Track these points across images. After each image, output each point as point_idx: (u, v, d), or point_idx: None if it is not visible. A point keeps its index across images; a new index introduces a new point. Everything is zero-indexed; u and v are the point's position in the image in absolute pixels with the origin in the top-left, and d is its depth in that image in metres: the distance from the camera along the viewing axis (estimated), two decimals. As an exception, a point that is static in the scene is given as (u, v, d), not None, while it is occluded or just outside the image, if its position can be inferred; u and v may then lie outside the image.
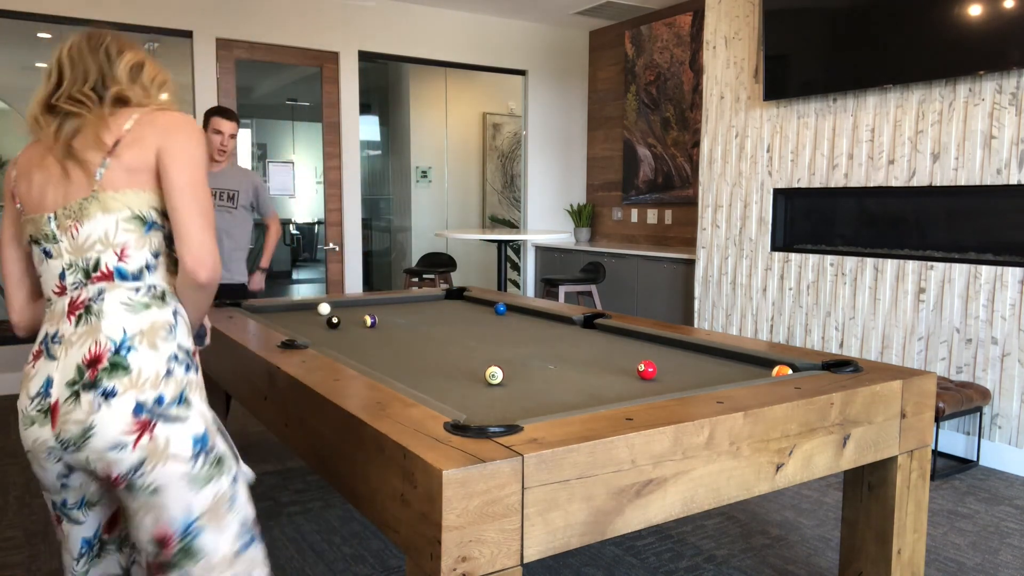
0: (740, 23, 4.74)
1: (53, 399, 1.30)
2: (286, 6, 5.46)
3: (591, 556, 2.66)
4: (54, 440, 1.31)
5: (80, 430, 1.28)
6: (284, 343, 2.38)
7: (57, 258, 1.38)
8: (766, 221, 4.65)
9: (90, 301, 1.35)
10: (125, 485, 1.29)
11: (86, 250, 1.36)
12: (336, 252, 5.91)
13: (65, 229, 1.37)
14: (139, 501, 1.30)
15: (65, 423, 1.29)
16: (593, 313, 3.01)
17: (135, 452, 1.27)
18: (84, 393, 1.28)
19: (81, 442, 1.28)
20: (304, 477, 3.43)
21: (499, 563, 1.38)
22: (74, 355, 1.31)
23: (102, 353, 1.30)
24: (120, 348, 1.31)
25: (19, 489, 3.28)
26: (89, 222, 1.36)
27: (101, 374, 1.28)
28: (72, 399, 1.28)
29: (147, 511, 1.30)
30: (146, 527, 1.31)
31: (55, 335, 1.35)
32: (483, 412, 1.77)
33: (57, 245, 1.38)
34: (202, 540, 1.32)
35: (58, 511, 1.44)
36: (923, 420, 2.07)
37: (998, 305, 3.59)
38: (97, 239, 1.36)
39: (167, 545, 1.30)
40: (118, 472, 1.28)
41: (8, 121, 5.21)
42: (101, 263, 1.36)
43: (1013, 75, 3.50)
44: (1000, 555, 2.72)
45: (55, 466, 1.35)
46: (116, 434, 1.26)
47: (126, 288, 1.37)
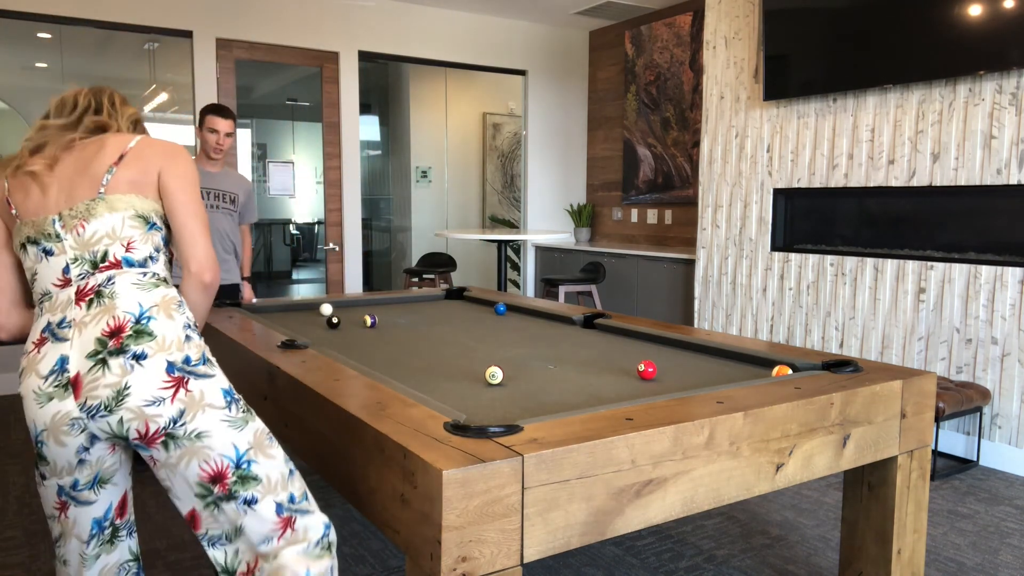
0: (740, 23, 4.74)
1: (72, 373, 1.39)
2: (286, 6, 5.46)
3: (591, 556, 2.66)
4: (79, 410, 1.38)
5: (113, 392, 1.36)
6: (284, 343, 2.38)
7: (60, 255, 1.49)
8: (766, 221, 4.65)
9: (100, 287, 1.46)
10: (164, 438, 1.38)
11: (93, 244, 1.48)
12: (336, 252, 5.91)
13: (70, 228, 1.49)
14: (183, 449, 1.38)
15: (93, 389, 1.37)
16: (593, 313, 3.01)
17: (173, 405, 1.38)
18: (112, 359, 1.37)
19: (115, 404, 1.36)
20: (304, 477, 3.43)
21: (499, 563, 1.38)
22: (90, 332, 1.41)
23: (123, 324, 1.41)
24: (140, 318, 1.43)
25: (19, 489, 3.28)
26: (96, 220, 1.49)
27: (127, 340, 1.39)
28: (98, 367, 1.37)
29: (192, 456, 1.39)
30: (193, 472, 1.40)
31: (61, 321, 1.44)
32: (483, 412, 1.77)
33: (60, 243, 1.49)
34: (255, 468, 1.43)
35: (65, 496, 1.47)
36: (923, 420, 2.07)
37: (998, 305, 3.59)
38: (104, 234, 1.49)
39: (223, 479, 1.41)
40: (157, 426, 1.37)
41: (8, 121, 5.21)
42: (109, 254, 1.49)
43: (1013, 75, 3.50)
44: (1000, 555, 2.72)
45: (76, 439, 1.41)
46: (153, 390, 1.37)
47: (134, 272, 1.49)
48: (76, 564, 1.54)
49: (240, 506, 1.42)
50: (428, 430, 1.52)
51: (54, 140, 1.55)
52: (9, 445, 3.87)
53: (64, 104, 1.61)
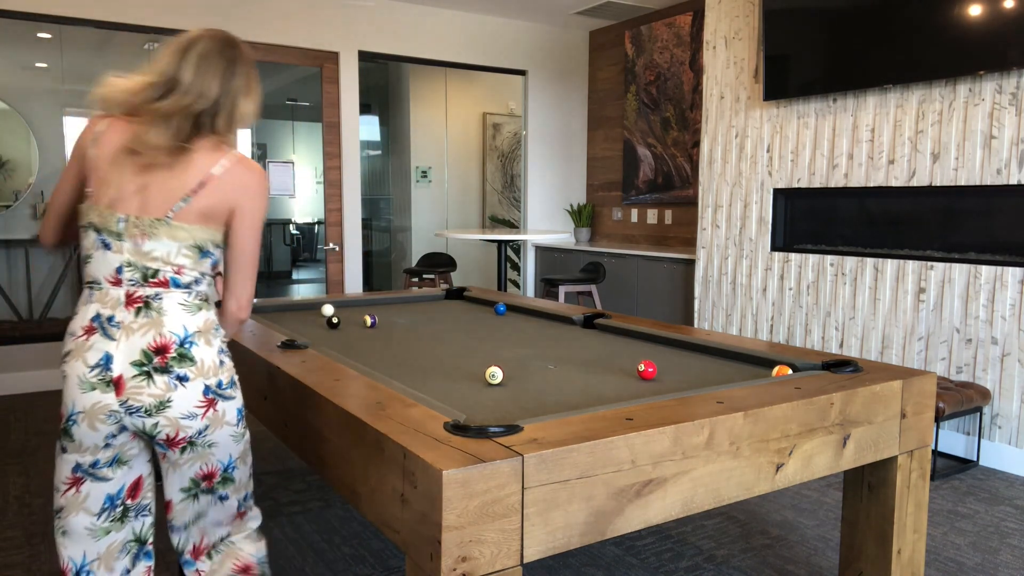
0: (740, 23, 4.74)
1: (115, 374, 1.52)
2: (286, 6, 5.46)
3: (591, 556, 2.66)
4: (119, 405, 1.53)
5: (156, 402, 1.53)
6: (284, 343, 2.38)
7: (116, 253, 1.55)
8: (766, 221, 4.65)
9: (148, 299, 1.56)
10: (185, 444, 1.58)
11: (146, 259, 1.55)
12: (336, 252, 5.91)
13: (131, 235, 1.55)
14: (195, 454, 1.61)
15: (137, 394, 1.52)
16: (593, 313, 3.01)
17: (202, 421, 1.58)
18: (157, 375, 1.53)
19: (155, 412, 1.54)
20: (304, 477, 3.43)
21: (499, 563, 1.38)
22: (137, 341, 1.53)
23: (168, 344, 1.54)
24: (184, 342, 1.56)
25: (19, 489, 3.28)
26: (154, 240, 1.55)
27: (171, 362, 1.54)
28: (143, 377, 1.52)
29: (200, 459, 1.62)
30: (195, 470, 1.63)
31: (111, 318, 1.54)
32: (483, 412, 1.77)
33: (119, 243, 1.55)
34: (235, 473, 1.69)
35: (81, 472, 1.59)
36: (923, 420, 2.07)
37: (998, 305, 3.59)
38: (159, 256, 1.56)
39: (212, 478, 1.65)
40: (185, 435, 1.57)
41: (8, 121, 5.21)
42: (160, 274, 1.56)
43: (1013, 75, 3.50)
44: (1000, 555, 2.72)
45: (109, 427, 1.55)
46: (190, 407, 1.56)
47: (180, 293, 1.59)
48: (81, 536, 1.62)
49: (214, 499, 1.68)
50: (428, 430, 1.52)
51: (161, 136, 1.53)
52: (9, 445, 3.87)
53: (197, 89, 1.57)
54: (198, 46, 1.59)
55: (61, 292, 5.52)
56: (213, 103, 1.59)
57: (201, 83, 1.57)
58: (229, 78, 1.60)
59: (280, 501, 3.15)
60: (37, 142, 5.26)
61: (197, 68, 1.57)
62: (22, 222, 5.27)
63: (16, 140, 5.22)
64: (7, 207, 5.26)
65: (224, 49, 1.61)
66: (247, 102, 1.65)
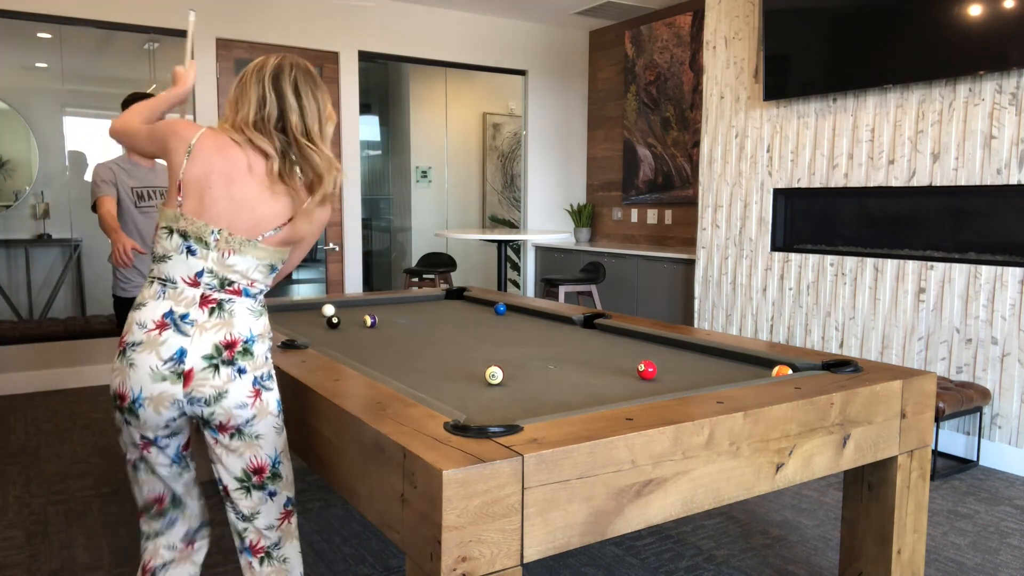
0: (740, 23, 4.74)
1: (187, 367, 1.65)
2: (286, 6, 5.46)
3: (591, 556, 2.66)
4: (183, 395, 1.66)
5: (216, 392, 1.67)
6: (284, 343, 2.38)
7: (200, 259, 1.67)
8: (766, 221, 4.65)
9: (221, 302, 1.70)
10: (235, 431, 1.72)
11: (228, 270, 1.69)
12: (336, 252, 5.91)
13: (220, 248, 1.68)
14: (244, 443, 1.73)
15: (202, 386, 1.66)
16: (593, 313, 3.01)
17: (251, 410, 1.71)
18: (223, 367, 1.67)
19: (214, 401, 1.67)
20: (304, 477, 3.43)
21: (499, 563, 1.38)
22: (209, 337, 1.66)
23: (236, 340, 1.69)
24: (248, 341, 1.71)
25: (19, 489, 3.28)
26: (238, 256, 1.69)
27: (236, 355, 1.69)
28: (210, 369, 1.66)
29: (247, 449, 1.73)
30: (245, 461, 1.74)
31: (184, 316, 1.66)
32: (483, 412, 1.77)
33: (206, 252, 1.67)
34: (282, 468, 1.79)
35: (145, 440, 1.75)
36: (923, 420, 2.07)
37: (998, 305, 3.59)
38: (239, 270, 1.70)
39: (262, 473, 1.76)
40: (237, 422, 1.71)
41: (8, 121, 5.21)
42: (235, 284, 1.71)
43: (1013, 75, 3.50)
44: (1000, 555, 2.72)
45: (171, 412, 1.69)
46: (243, 397, 1.70)
47: (249, 301, 1.74)
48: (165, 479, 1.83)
49: (264, 495, 1.78)
50: (428, 430, 1.52)
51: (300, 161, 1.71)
52: (9, 445, 3.87)
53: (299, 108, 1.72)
54: (289, 72, 1.74)
55: (61, 292, 5.53)
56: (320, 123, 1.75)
57: (304, 107, 1.72)
58: (318, 103, 1.76)
59: (280, 501, 3.15)
60: (37, 142, 5.26)
61: (297, 94, 1.72)
62: (22, 222, 5.27)
63: (16, 140, 5.22)
64: (7, 207, 5.26)
65: (309, 74, 1.77)
66: (329, 125, 1.79)
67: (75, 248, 5.52)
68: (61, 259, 5.50)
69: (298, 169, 1.71)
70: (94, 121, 5.52)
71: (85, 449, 3.80)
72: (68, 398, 4.78)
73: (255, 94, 1.70)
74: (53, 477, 3.42)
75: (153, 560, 1.87)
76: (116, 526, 2.90)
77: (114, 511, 3.04)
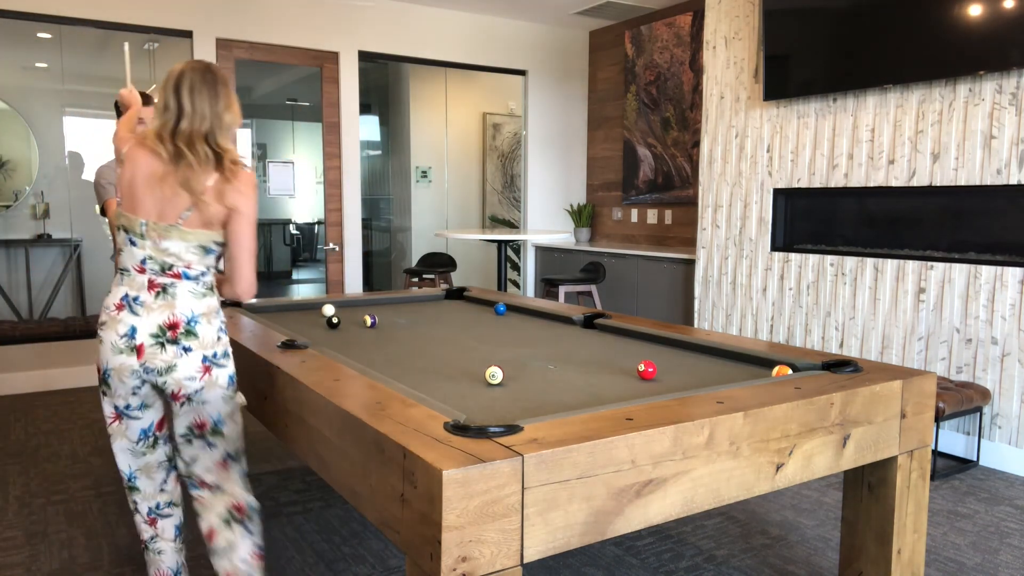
0: (740, 23, 4.74)
1: (138, 342, 1.95)
2: (286, 6, 5.46)
3: (591, 556, 2.66)
4: (138, 366, 1.96)
5: (165, 365, 1.96)
6: (284, 343, 2.38)
7: (140, 248, 1.96)
8: (766, 221, 4.65)
9: (164, 286, 1.97)
10: (185, 399, 2.01)
11: (163, 255, 1.95)
12: (336, 252, 5.91)
13: (150, 236, 1.95)
14: (192, 407, 2.02)
15: (152, 359, 1.95)
16: (593, 313, 3.01)
17: (200, 382, 2.00)
18: (168, 345, 1.96)
19: (165, 372, 1.97)
20: (304, 477, 3.43)
21: (499, 563, 1.38)
22: (155, 317, 1.95)
23: (178, 322, 1.96)
24: (190, 322, 1.98)
25: (19, 489, 3.28)
26: (167, 241, 1.95)
27: (180, 336, 1.96)
28: (157, 346, 1.95)
29: (194, 412, 2.03)
30: (190, 420, 2.04)
31: (136, 298, 1.96)
32: (483, 412, 1.77)
33: (142, 241, 1.95)
34: (224, 428, 2.08)
35: (120, 412, 2.05)
36: (923, 420, 2.07)
37: (998, 305, 3.59)
38: (173, 253, 1.96)
39: (203, 428, 2.06)
40: (185, 392, 2.00)
41: (8, 121, 5.21)
42: (174, 267, 1.97)
43: (1013, 75, 3.50)
44: (1000, 555, 2.72)
45: (133, 381, 1.99)
46: (191, 372, 1.98)
47: (190, 284, 1.99)
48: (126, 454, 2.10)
49: (203, 444, 2.08)
50: (428, 430, 1.52)
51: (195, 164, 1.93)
52: (9, 445, 3.87)
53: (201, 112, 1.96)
54: (187, 79, 1.97)
55: (61, 292, 5.53)
56: (211, 121, 1.97)
57: (196, 110, 1.96)
58: (219, 101, 1.99)
59: (280, 501, 3.15)
60: (37, 142, 5.26)
61: (191, 99, 1.96)
62: (22, 222, 5.27)
63: (16, 140, 5.22)
64: (7, 207, 5.26)
65: (206, 76, 1.99)
66: (230, 114, 2.02)
67: (75, 248, 5.52)
68: (61, 259, 5.50)
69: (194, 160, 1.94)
70: (94, 121, 5.51)
71: (85, 449, 3.80)
72: (68, 398, 4.78)
73: (162, 103, 1.97)
74: (53, 477, 3.42)
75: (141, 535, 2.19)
76: (116, 526, 2.90)
77: (114, 511, 3.04)
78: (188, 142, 1.94)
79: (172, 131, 1.95)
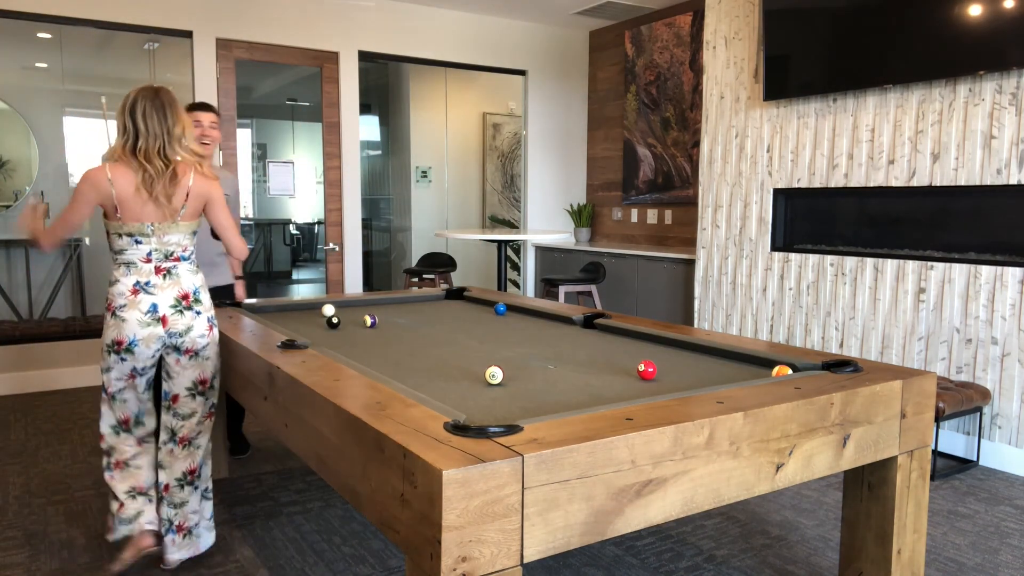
0: (740, 23, 4.74)
1: (162, 314, 2.45)
2: (286, 6, 5.46)
3: (591, 556, 2.66)
4: (163, 332, 2.46)
5: (184, 327, 2.49)
6: (284, 343, 2.38)
7: (146, 244, 2.44)
8: (766, 221, 4.65)
9: (169, 268, 2.48)
10: (194, 353, 2.53)
11: (167, 246, 2.47)
12: (336, 252, 5.91)
13: (157, 234, 2.44)
14: (196, 362, 2.54)
15: (175, 324, 2.47)
16: (593, 313, 3.01)
17: (207, 338, 2.56)
18: (185, 311, 2.49)
19: (184, 333, 2.49)
20: (304, 477, 3.43)
21: (499, 563, 1.38)
22: (169, 293, 2.46)
23: (188, 293, 2.50)
24: (195, 291, 2.53)
25: (19, 489, 3.28)
26: (169, 235, 2.47)
27: (192, 303, 2.51)
28: (177, 313, 2.47)
29: (197, 367, 2.56)
30: (194, 376, 2.56)
31: (148, 283, 2.44)
32: (483, 412, 1.77)
33: (149, 239, 2.44)
34: (215, 382, 2.63)
35: (136, 372, 2.49)
36: (923, 420, 2.07)
37: (998, 305, 3.59)
38: (174, 242, 2.48)
39: (206, 383, 2.59)
40: (196, 347, 2.53)
41: (8, 121, 5.21)
42: (174, 253, 2.49)
43: (1013, 75, 3.50)
44: (1000, 555, 2.72)
45: (156, 345, 2.47)
46: (203, 330, 2.54)
47: (187, 264, 2.53)
48: (133, 402, 2.54)
49: (202, 399, 2.60)
50: (428, 430, 1.52)
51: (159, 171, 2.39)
52: (9, 445, 3.87)
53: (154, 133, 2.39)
54: (140, 103, 2.37)
55: (61, 292, 5.52)
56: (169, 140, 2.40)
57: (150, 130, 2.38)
58: (169, 120, 2.41)
59: (280, 501, 3.15)
60: (37, 142, 5.26)
61: (144, 121, 2.37)
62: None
63: (16, 140, 5.22)
64: (7, 207, 5.26)
65: (155, 100, 2.39)
66: (184, 131, 2.46)
67: (75, 248, 5.52)
68: (61, 259, 5.50)
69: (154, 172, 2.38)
70: (94, 121, 5.51)
71: (85, 449, 3.80)
72: (68, 398, 4.78)
73: (121, 125, 2.39)
74: (53, 477, 3.42)
75: (122, 455, 2.55)
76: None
77: (114, 511, 3.04)
78: (146, 157, 2.37)
79: (132, 149, 2.38)
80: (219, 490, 3.24)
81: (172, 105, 2.43)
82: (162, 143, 2.38)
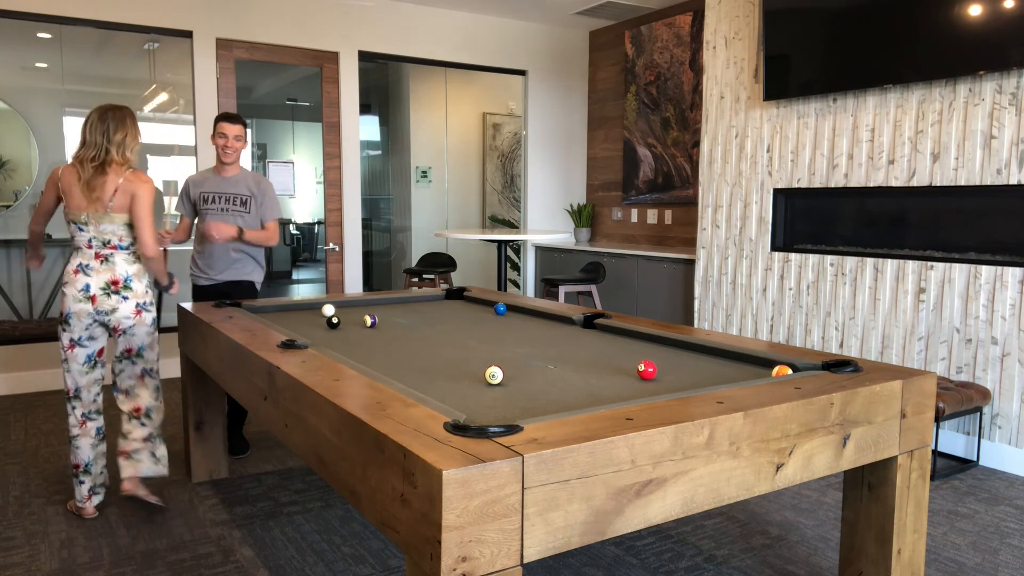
0: (740, 23, 4.74)
1: (92, 293, 2.89)
2: (286, 6, 5.46)
3: (591, 556, 2.66)
4: (92, 309, 2.90)
5: (111, 308, 2.91)
6: (284, 343, 2.38)
7: (86, 233, 2.90)
8: (766, 221, 4.65)
9: (106, 256, 2.92)
10: (122, 332, 2.97)
11: (103, 235, 2.91)
12: (336, 252, 5.91)
13: (92, 222, 2.89)
14: (126, 338, 2.99)
15: (101, 305, 2.90)
16: (593, 313, 3.01)
17: (133, 320, 2.97)
18: (112, 295, 2.91)
19: (110, 313, 2.92)
20: (304, 477, 3.43)
21: (499, 563, 1.38)
22: (102, 277, 2.91)
23: (118, 280, 2.93)
24: (126, 280, 2.95)
25: (19, 489, 3.28)
26: (103, 224, 2.90)
27: (121, 289, 2.93)
28: (105, 296, 2.90)
29: (127, 341, 3.00)
30: (125, 346, 3.01)
31: (87, 266, 2.90)
32: (483, 412, 1.77)
33: (87, 227, 2.89)
34: (145, 353, 3.06)
35: (75, 342, 2.93)
36: (923, 420, 2.07)
37: (998, 305, 3.59)
38: (109, 231, 2.91)
39: (131, 352, 3.03)
40: (123, 327, 2.96)
41: (8, 121, 5.21)
42: (110, 242, 2.92)
43: (1013, 75, 3.50)
44: (1000, 555, 2.72)
45: (87, 320, 2.91)
46: (128, 313, 2.95)
47: (124, 253, 2.96)
48: (75, 374, 2.97)
49: (129, 363, 3.05)
50: (428, 430, 1.52)
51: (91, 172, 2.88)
52: (9, 445, 3.87)
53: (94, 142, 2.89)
54: (91, 118, 2.89)
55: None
56: (107, 147, 2.88)
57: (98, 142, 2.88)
58: (111, 131, 2.89)
59: (280, 501, 3.15)
60: (37, 142, 5.26)
61: (91, 131, 2.88)
62: (22, 222, 5.27)
63: (16, 140, 5.22)
64: (7, 207, 5.26)
65: (103, 116, 2.89)
66: (125, 138, 2.91)
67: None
68: (61, 259, 5.50)
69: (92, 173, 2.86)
70: (94, 121, 5.50)
71: (85, 449, 3.80)
72: (68, 398, 4.78)
73: (81, 137, 2.89)
74: (53, 477, 3.42)
75: (70, 431, 3.00)
76: (116, 526, 2.90)
77: (114, 511, 3.04)
78: (84, 160, 2.87)
79: (78, 154, 2.90)
80: (219, 490, 3.24)
81: (119, 120, 2.90)
82: (99, 151, 2.87)
